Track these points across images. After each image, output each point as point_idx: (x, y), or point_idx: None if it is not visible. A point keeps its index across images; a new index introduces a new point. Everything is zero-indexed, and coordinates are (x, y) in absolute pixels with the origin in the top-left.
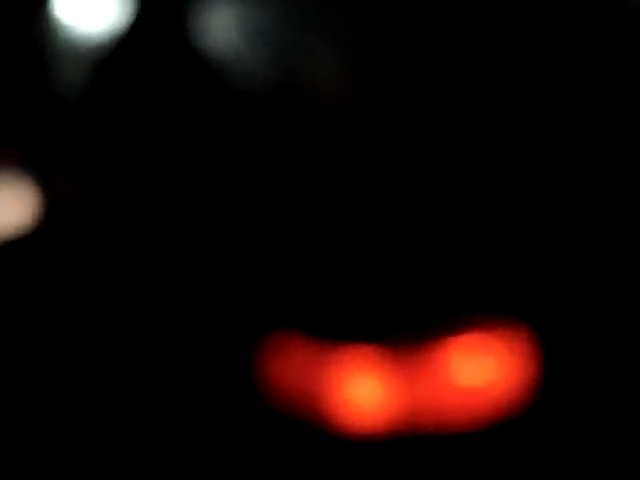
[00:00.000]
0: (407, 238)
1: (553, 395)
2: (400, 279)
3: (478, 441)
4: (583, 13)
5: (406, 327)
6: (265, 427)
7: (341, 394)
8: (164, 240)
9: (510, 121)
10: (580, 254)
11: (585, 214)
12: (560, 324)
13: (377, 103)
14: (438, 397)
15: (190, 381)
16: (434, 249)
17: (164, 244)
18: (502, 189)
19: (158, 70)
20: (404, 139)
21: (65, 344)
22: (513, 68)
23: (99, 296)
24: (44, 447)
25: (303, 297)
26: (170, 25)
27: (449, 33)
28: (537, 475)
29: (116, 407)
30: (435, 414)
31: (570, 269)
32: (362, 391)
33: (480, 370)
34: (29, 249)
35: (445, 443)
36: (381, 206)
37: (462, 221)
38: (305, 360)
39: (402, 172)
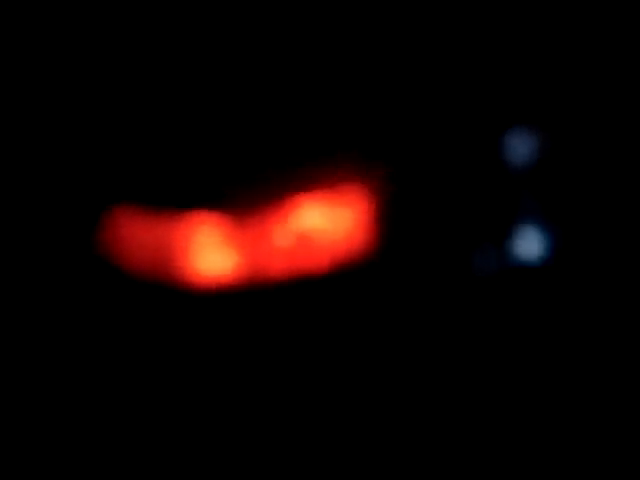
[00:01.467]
0: (243, 98)
1: (395, 244)
2: (238, 142)
3: (321, 290)
4: None
5: (248, 188)
6: (118, 291)
7: (189, 256)
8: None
9: None
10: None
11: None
12: (403, 178)
13: None
14: (284, 251)
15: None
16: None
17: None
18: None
19: None
20: None
21: None
22: None
23: None
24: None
25: (140, 169)
26: None
27: None
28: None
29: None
30: (282, 267)
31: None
32: (209, 252)
33: (325, 223)
34: None
35: (292, 292)
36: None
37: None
38: (150, 229)
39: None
